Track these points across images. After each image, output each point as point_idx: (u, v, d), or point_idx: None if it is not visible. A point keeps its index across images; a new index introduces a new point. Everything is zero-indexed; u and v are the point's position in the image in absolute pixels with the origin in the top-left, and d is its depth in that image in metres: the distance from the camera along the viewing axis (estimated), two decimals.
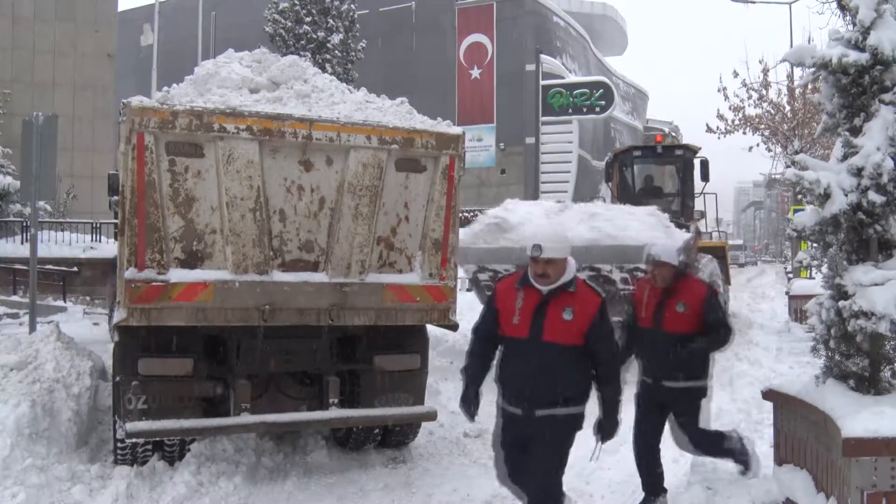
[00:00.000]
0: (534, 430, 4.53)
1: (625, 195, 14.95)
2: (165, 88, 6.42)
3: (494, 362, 4.74)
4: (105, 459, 6.63)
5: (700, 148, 15.72)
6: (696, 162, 15.13)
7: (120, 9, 32.77)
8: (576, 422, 4.61)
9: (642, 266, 10.01)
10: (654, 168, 16.06)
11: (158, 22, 31.41)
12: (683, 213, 14.41)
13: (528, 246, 4.26)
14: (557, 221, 10.56)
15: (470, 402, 4.74)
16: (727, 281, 14.38)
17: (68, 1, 28.72)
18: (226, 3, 48.76)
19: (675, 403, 5.80)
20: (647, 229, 10.24)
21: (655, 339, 5.62)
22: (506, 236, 10.97)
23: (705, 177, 15.11)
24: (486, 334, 4.64)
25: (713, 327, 5.57)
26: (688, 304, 5.57)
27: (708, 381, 5.86)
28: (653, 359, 5.72)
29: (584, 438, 7.72)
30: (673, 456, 7.01)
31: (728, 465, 6.52)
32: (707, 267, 12.23)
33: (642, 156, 15.89)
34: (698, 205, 15.85)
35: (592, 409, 4.78)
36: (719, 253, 14.39)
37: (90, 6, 29.11)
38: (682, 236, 11.07)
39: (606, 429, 4.73)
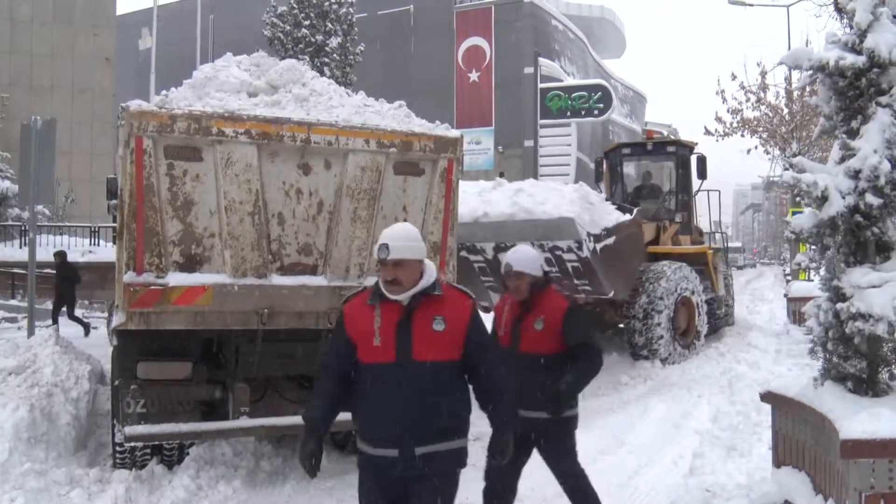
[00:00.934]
0: (414, 473, 3.65)
1: (616, 194, 14.31)
2: (164, 92, 6.42)
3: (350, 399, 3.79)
4: (104, 463, 6.63)
5: (696, 144, 15.10)
6: (694, 159, 14.35)
7: (118, 13, 32.79)
8: (460, 459, 3.89)
9: (561, 244, 9.74)
10: (646, 166, 15.39)
11: (157, 26, 31.42)
12: (680, 212, 13.98)
13: (374, 249, 3.67)
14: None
15: (311, 456, 3.61)
16: (714, 288, 13.66)
17: (67, 5, 28.75)
18: (224, 7, 48.81)
19: (537, 438, 4.83)
20: (566, 204, 9.85)
21: (512, 360, 4.49)
22: None
23: (702, 174, 14.35)
24: (341, 368, 3.75)
25: (576, 352, 4.71)
26: (546, 320, 4.74)
27: (576, 409, 4.94)
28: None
29: (582, 439, 7.75)
30: (672, 458, 7.03)
31: (728, 467, 6.54)
32: (675, 274, 11.61)
33: (632, 153, 15.09)
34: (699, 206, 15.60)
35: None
36: (700, 260, 13.46)
37: (89, 10, 29.15)
38: (610, 214, 10.66)
39: (498, 446, 3.98)
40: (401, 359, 3.60)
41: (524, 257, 4.87)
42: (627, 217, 11.28)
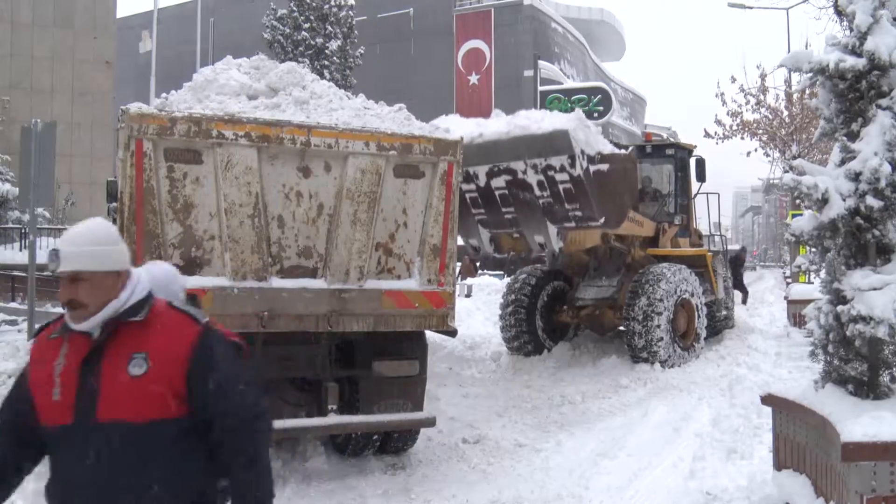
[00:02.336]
0: None
1: None
2: (164, 95, 6.44)
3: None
4: None
5: (695, 146, 14.99)
6: (693, 162, 14.34)
7: (118, 15, 32.80)
8: None
9: (554, 162, 9.53)
10: (645, 168, 14.79)
11: (157, 29, 31.48)
12: (679, 215, 13.87)
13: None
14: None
15: None
16: (713, 291, 13.41)
17: (67, 7, 28.75)
18: (224, 10, 48.88)
19: None
20: (563, 121, 9.76)
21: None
22: None
23: (701, 177, 14.29)
24: (9, 431, 2.61)
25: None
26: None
27: None
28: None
29: (582, 441, 7.76)
30: (672, 461, 7.03)
31: (728, 469, 6.53)
32: (674, 276, 11.46)
33: None
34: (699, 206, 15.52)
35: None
36: (699, 262, 13.23)
37: (89, 13, 29.14)
38: (607, 144, 10.33)
39: None
40: (80, 420, 2.44)
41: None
42: (623, 151, 11.01)
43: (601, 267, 12.69)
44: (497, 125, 10.15)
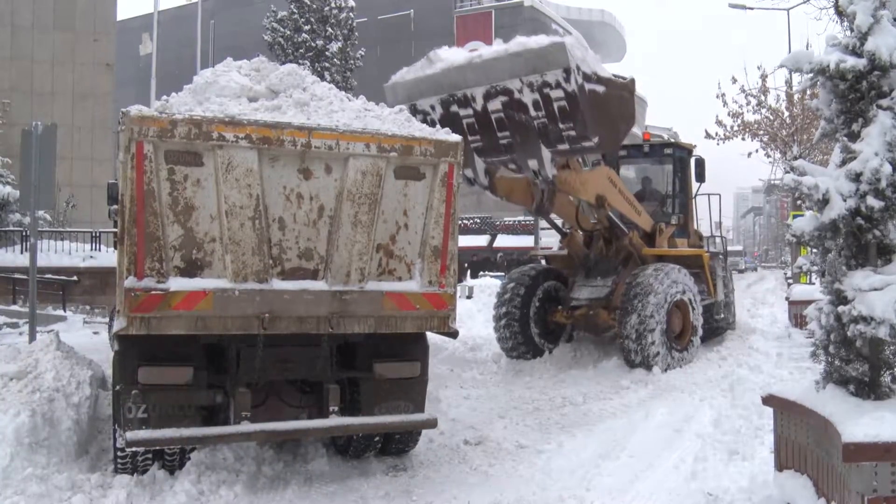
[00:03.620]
0: None
1: None
2: (164, 97, 6.43)
3: None
4: (105, 468, 6.62)
5: (694, 146, 14.83)
6: (692, 161, 14.16)
7: (119, 18, 32.84)
8: None
9: (550, 78, 9.39)
10: (643, 169, 15.11)
11: (157, 31, 31.50)
12: (676, 215, 13.70)
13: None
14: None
15: None
16: (709, 292, 13.25)
17: (67, 10, 28.79)
18: (224, 12, 48.90)
19: None
20: (566, 38, 9.63)
21: None
22: (433, 66, 10.49)
23: (700, 177, 14.05)
24: None
25: None
26: None
27: None
28: None
29: (583, 443, 7.76)
30: (674, 462, 7.03)
31: (729, 470, 6.53)
32: (662, 284, 11.24)
33: (628, 156, 14.66)
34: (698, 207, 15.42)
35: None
36: (696, 263, 13.13)
37: (89, 15, 29.18)
38: (596, 63, 10.01)
39: None
40: None
41: None
42: (623, 80, 10.75)
43: (596, 266, 12.60)
44: (496, 46, 10.13)
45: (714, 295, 13.39)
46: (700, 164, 13.95)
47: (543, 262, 13.81)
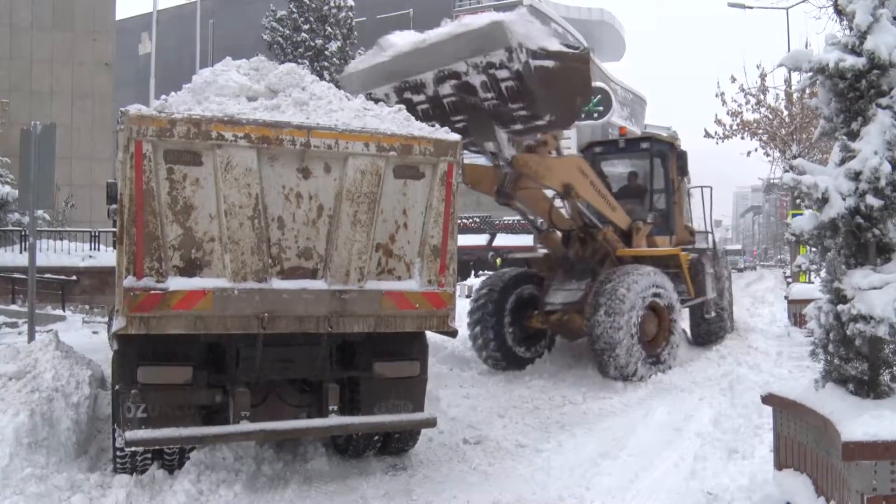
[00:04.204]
0: None
1: None
2: (163, 97, 6.43)
3: None
4: (105, 468, 6.62)
5: (675, 139, 14.20)
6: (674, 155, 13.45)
7: (118, 17, 32.81)
8: None
9: (494, 59, 9.03)
10: (622, 164, 14.41)
11: (156, 30, 31.49)
12: (653, 213, 12.78)
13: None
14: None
15: None
16: (689, 292, 12.47)
17: (66, 10, 28.77)
18: (224, 12, 48.88)
19: None
20: (501, 15, 9.21)
21: None
22: (384, 53, 10.19)
23: (682, 171, 13.41)
24: None
25: None
26: None
27: None
28: None
29: (583, 442, 7.76)
30: (674, 461, 7.03)
31: (729, 469, 6.53)
32: (630, 293, 10.58)
33: (604, 152, 13.99)
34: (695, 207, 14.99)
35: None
36: (672, 262, 12.26)
37: (88, 15, 29.16)
38: (543, 37, 9.55)
39: None
40: None
41: None
42: (574, 51, 10.15)
43: (573, 268, 12.14)
44: (441, 29, 9.85)
45: (692, 293, 12.67)
46: (682, 157, 13.42)
47: (527, 264, 13.21)
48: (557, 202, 12.03)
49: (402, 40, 10.24)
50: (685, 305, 12.87)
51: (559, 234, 12.37)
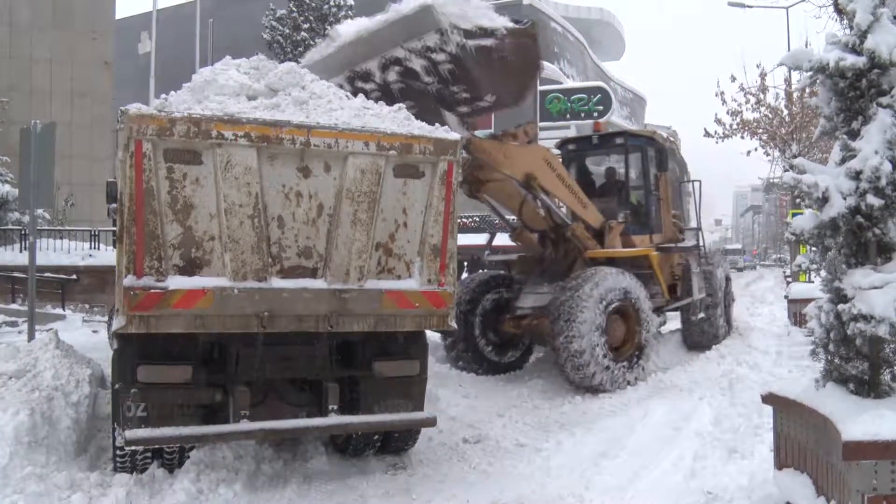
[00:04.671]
0: None
1: None
2: (163, 96, 6.42)
3: None
4: (104, 467, 6.62)
5: (653, 133, 13.57)
6: (653, 151, 12.81)
7: (117, 16, 32.78)
8: None
9: (429, 42, 8.71)
10: (598, 162, 13.81)
11: (156, 29, 31.47)
12: (623, 212, 11.99)
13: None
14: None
15: None
16: (665, 294, 11.82)
17: (65, 9, 28.73)
18: (223, 11, 48.81)
19: None
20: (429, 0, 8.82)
21: None
22: (333, 44, 9.81)
23: (660, 166, 12.72)
24: None
25: None
26: None
27: None
28: None
29: (582, 441, 7.76)
30: (673, 460, 7.03)
31: (729, 469, 6.53)
32: (599, 284, 10.14)
33: (578, 149, 13.33)
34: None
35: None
36: (643, 263, 11.58)
37: (87, 14, 29.11)
38: (495, 18, 9.14)
39: None
40: None
41: None
42: (518, 25, 9.53)
43: (545, 271, 11.63)
44: (379, 16, 9.51)
45: (667, 295, 12.02)
46: (661, 152, 12.82)
47: (506, 266, 12.62)
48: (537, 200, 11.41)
49: (349, 29, 9.95)
50: (669, 308, 12.56)
51: (535, 233, 11.91)
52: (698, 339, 13.29)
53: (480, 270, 13.40)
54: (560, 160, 12.28)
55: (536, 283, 11.57)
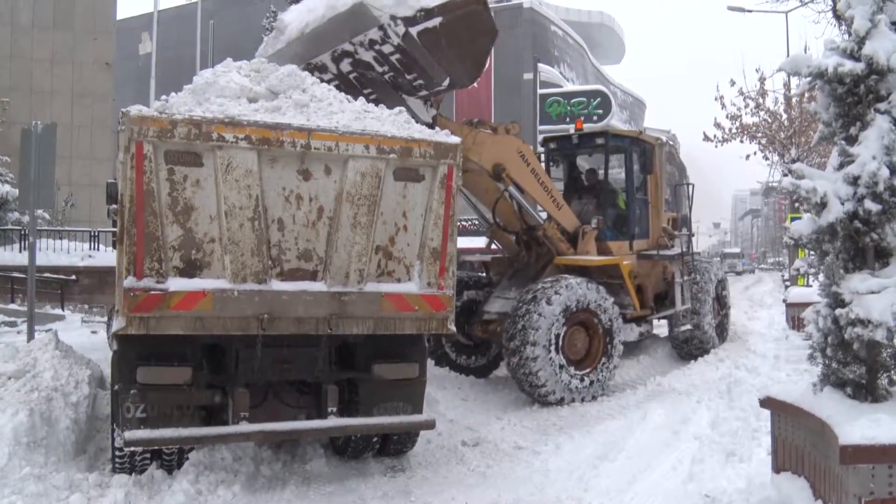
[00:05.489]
0: None
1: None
2: (164, 97, 6.44)
3: None
4: (103, 468, 6.63)
5: (639, 132, 13.03)
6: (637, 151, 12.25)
7: (118, 17, 32.81)
8: None
9: (374, 36, 8.46)
10: (581, 161, 13.37)
11: (157, 30, 31.49)
12: (597, 217, 11.38)
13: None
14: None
15: None
16: (636, 305, 11.20)
17: (67, 10, 28.79)
18: (224, 12, 48.87)
19: None
20: None
21: None
22: (281, 38, 9.56)
23: (645, 168, 12.13)
24: None
25: None
26: None
27: None
28: None
29: (581, 444, 7.77)
30: (671, 463, 7.04)
31: (727, 472, 6.54)
32: (559, 293, 9.68)
33: (559, 148, 12.74)
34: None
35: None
36: (611, 272, 10.96)
37: (88, 15, 29.18)
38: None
39: None
40: None
41: None
42: None
43: (517, 274, 11.29)
44: (320, 11, 9.08)
45: (637, 306, 11.35)
46: (646, 152, 12.11)
47: (485, 267, 12.26)
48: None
49: (293, 21, 9.61)
50: (657, 317, 12.27)
51: (511, 234, 11.51)
52: (685, 349, 12.88)
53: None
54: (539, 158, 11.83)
55: (506, 287, 11.18)
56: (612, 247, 11.52)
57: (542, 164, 11.89)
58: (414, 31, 8.46)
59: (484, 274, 12.30)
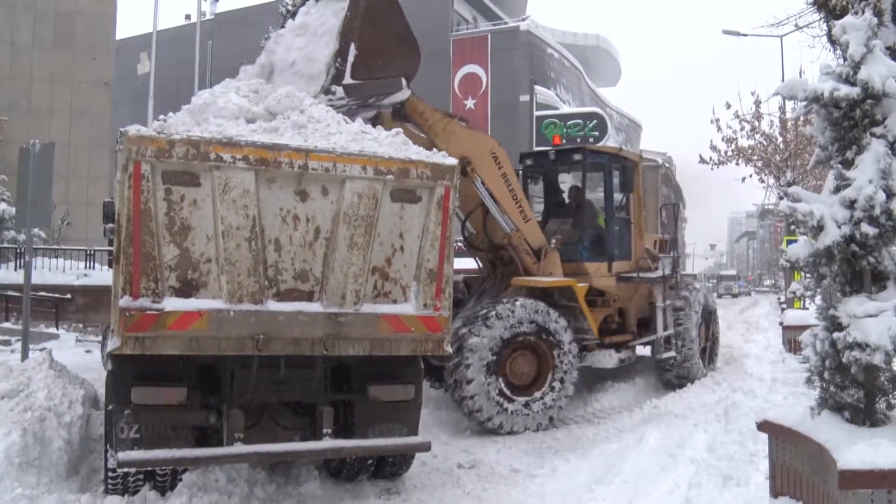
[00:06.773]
0: None
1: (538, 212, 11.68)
2: (162, 117, 6.46)
3: None
4: (96, 489, 6.57)
5: (619, 149, 12.70)
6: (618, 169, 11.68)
7: (117, 37, 32.96)
8: None
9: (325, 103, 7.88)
10: (558, 178, 12.93)
11: (155, 51, 31.61)
12: (609, 236, 11.32)
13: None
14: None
15: None
16: (594, 331, 10.53)
17: (66, 29, 28.93)
18: (223, 33, 49.13)
19: None
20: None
21: None
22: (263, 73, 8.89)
23: (625, 186, 11.54)
24: None
25: None
26: None
27: None
28: None
29: (577, 467, 7.73)
30: (668, 487, 6.99)
31: (724, 496, 6.50)
32: (505, 316, 9.33)
33: (535, 164, 12.39)
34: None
35: None
36: (566, 295, 10.37)
37: (88, 34, 29.31)
38: None
39: None
40: None
41: None
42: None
43: (485, 293, 10.93)
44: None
45: (595, 332, 10.76)
46: (626, 170, 11.56)
47: (464, 283, 11.56)
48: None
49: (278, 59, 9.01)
50: (639, 342, 11.83)
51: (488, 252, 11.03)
52: (665, 378, 12.35)
53: None
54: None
55: (475, 304, 10.60)
56: (590, 268, 11.13)
57: (521, 182, 11.30)
58: (343, 83, 8.30)
59: (464, 294, 11.67)
